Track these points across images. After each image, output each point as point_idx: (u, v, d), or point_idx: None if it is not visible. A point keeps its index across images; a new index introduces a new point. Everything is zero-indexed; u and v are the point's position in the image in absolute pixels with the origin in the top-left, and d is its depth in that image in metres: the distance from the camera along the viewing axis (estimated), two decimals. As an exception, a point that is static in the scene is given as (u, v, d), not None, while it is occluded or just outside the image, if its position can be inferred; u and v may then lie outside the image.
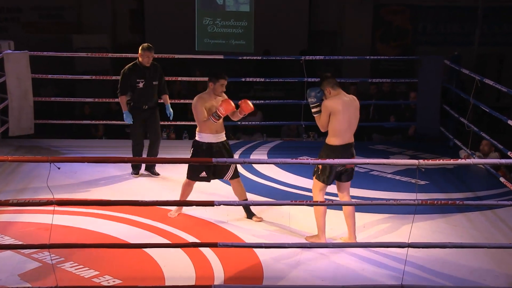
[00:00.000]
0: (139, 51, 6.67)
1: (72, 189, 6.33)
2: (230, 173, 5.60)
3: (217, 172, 5.64)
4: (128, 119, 6.73)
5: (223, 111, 5.37)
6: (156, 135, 6.88)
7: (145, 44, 6.72)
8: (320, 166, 5.13)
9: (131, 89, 6.70)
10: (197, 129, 5.61)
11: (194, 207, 5.77)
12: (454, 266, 4.88)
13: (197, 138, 5.59)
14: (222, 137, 5.61)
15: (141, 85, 6.65)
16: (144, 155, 6.90)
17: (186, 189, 5.73)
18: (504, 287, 4.51)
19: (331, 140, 5.08)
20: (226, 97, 5.58)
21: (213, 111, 5.44)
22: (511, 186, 6.35)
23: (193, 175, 5.66)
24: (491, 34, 12.40)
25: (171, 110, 6.91)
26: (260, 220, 5.63)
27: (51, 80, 9.99)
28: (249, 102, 5.57)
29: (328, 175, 5.12)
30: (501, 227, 5.71)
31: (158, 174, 6.89)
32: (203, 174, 5.62)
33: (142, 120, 6.80)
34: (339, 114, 5.01)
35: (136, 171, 6.90)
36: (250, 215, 5.68)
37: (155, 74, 6.75)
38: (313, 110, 5.17)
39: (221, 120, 5.55)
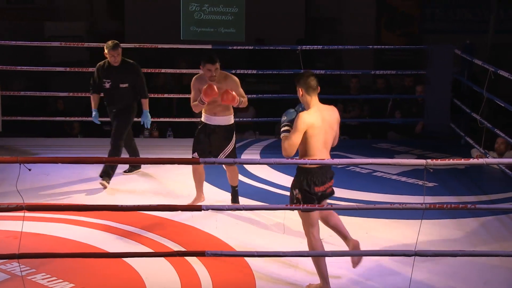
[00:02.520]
0: (104, 49, 6.65)
1: (44, 193, 6.32)
2: (223, 154, 5.80)
3: (213, 152, 5.86)
4: (95, 119, 6.89)
5: (204, 98, 5.57)
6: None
7: (109, 42, 6.62)
8: (299, 196, 4.58)
9: (102, 89, 6.79)
10: None
11: (179, 212, 5.77)
12: (466, 276, 4.90)
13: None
14: (221, 121, 5.80)
15: (107, 85, 6.70)
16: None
17: (195, 174, 6.00)
18: (520, 299, 4.54)
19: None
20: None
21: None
22: (528, 188, 6.39)
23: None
24: (508, 20, 12.42)
25: (149, 118, 6.89)
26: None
27: (21, 73, 9.95)
28: (231, 92, 5.61)
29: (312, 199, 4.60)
30: (518, 234, 5.75)
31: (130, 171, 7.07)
32: (195, 155, 5.84)
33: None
34: (315, 131, 4.49)
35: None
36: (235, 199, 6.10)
37: (124, 75, 6.68)
38: (282, 129, 4.55)
39: (222, 102, 5.68)
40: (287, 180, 6.84)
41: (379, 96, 9.36)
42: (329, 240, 5.30)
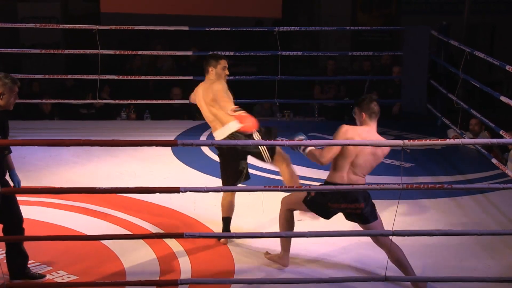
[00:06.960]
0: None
1: (21, 176, 6.25)
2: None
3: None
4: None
5: (241, 128, 5.12)
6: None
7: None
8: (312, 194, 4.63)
9: None
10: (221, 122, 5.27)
11: (157, 194, 5.76)
12: (442, 255, 4.96)
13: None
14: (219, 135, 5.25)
15: None
16: None
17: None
18: (496, 277, 4.60)
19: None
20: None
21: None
22: (503, 167, 6.46)
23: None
24: (483, 2, 12.49)
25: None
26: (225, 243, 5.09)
27: (-6, 55, 9.84)
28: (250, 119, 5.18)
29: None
30: (493, 213, 5.81)
31: None
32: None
33: None
34: (347, 150, 4.62)
35: None
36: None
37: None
38: (308, 149, 4.62)
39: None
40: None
41: (355, 78, 9.38)
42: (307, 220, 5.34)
